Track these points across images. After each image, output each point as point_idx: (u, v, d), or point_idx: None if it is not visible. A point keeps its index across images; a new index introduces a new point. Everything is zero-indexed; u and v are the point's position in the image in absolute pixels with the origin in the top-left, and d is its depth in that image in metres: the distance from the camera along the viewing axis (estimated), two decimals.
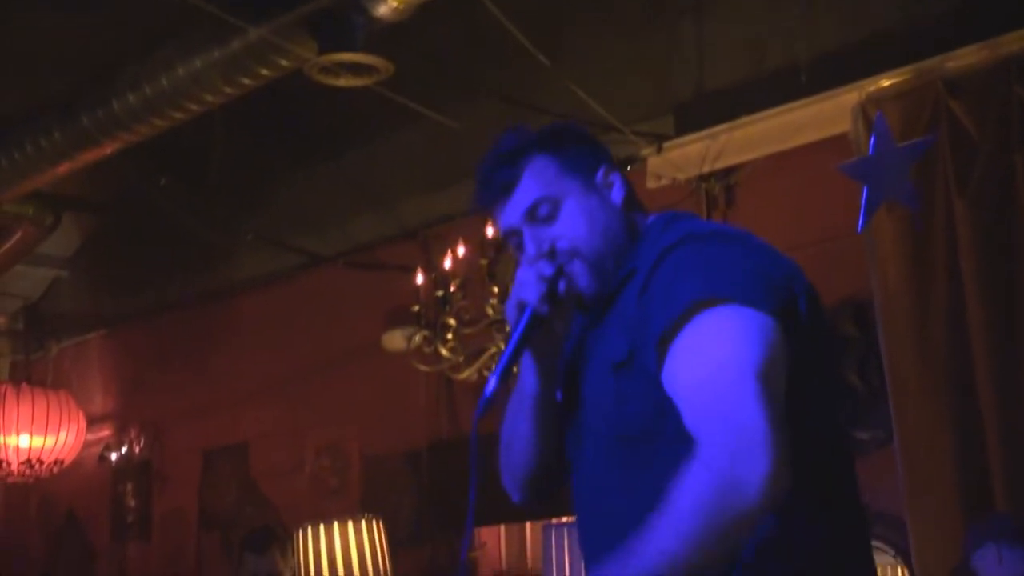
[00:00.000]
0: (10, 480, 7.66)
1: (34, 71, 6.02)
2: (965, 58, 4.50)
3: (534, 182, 2.14)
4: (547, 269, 2.08)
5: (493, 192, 2.17)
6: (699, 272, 1.95)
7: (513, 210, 2.15)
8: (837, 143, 4.74)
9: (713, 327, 1.88)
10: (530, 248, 2.13)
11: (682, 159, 5.35)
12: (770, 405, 1.78)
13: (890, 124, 4.31)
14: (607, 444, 2.06)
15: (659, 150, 5.42)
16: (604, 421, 2.05)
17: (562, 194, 2.13)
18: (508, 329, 2.16)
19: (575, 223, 2.12)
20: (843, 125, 4.70)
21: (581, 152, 2.18)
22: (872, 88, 4.65)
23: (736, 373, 1.82)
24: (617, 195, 2.17)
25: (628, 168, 5.63)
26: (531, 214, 2.13)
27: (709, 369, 1.84)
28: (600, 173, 2.17)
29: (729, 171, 5.37)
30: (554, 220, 2.13)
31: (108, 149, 5.66)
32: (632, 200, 2.19)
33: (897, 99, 4.55)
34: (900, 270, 4.51)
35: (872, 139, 4.18)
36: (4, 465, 7.43)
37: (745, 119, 5.16)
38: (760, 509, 1.74)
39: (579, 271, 2.10)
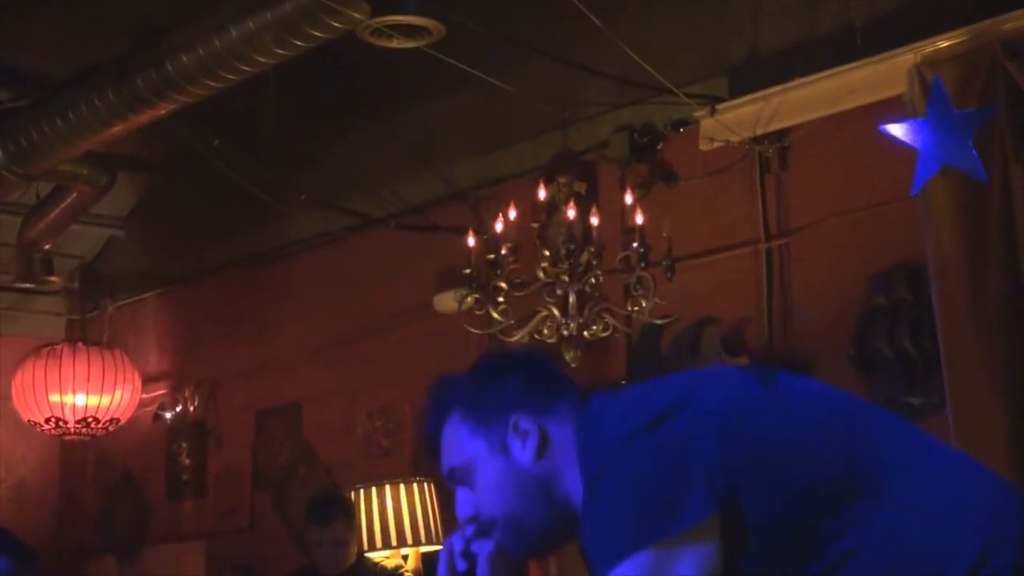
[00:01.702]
0: (67, 438, 7.76)
1: (87, 33, 6.07)
2: (1023, 19, 4.45)
3: (448, 447, 2.12)
4: (458, 544, 2.11)
5: (428, 451, 2.17)
6: (600, 526, 1.92)
7: (442, 471, 2.15)
8: (892, 105, 4.69)
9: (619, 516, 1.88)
10: (457, 511, 2.13)
11: (735, 121, 5.32)
12: None
13: (946, 86, 4.27)
14: None
15: (712, 112, 5.39)
16: None
17: (474, 459, 2.09)
18: None
19: (486, 491, 2.08)
20: (898, 87, 4.66)
21: (495, 402, 2.10)
22: (929, 50, 4.60)
23: None
24: (529, 448, 2.06)
25: (681, 131, 5.62)
26: (451, 479, 2.12)
27: None
28: (511, 425, 2.08)
29: (782, 133, 5.34)
30: (472, 484, 2.10)
31: (162, 110, 5.69)
32: (551, 441, 2.07)
33: (953, 61, 4.50)
34: (955, 234, 4.47)
35: (928, 102, 4.14)
36: (61, 423, 7.53)
37: (799, 81, 5.12)
38: None
39: (503, 538, 2.08)
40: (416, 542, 5.73)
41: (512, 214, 4.94)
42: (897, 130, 4.37)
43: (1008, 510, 1.95)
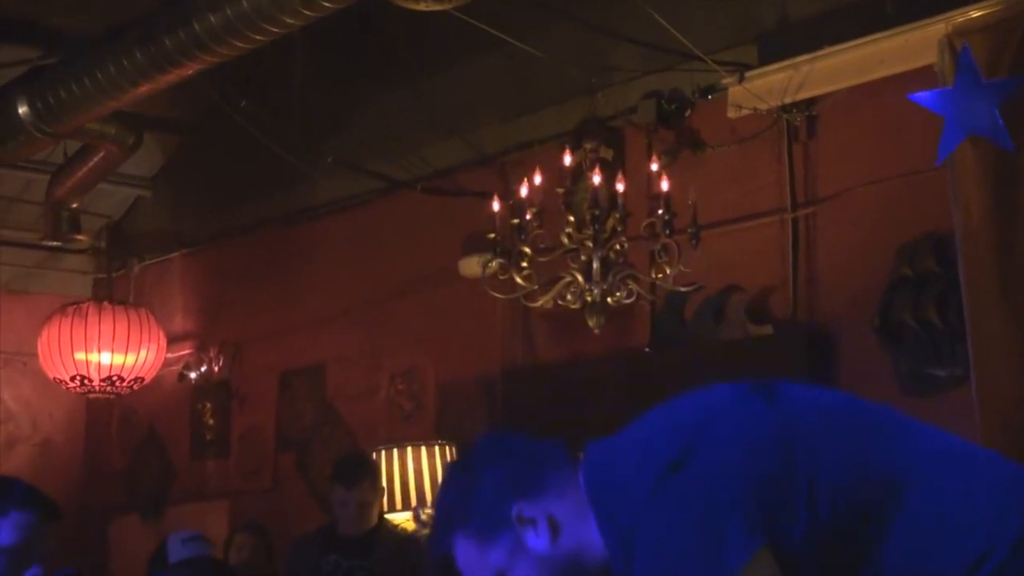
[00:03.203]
0: (92, 396, 7.80)
1: None
2: None
3: (472, 570, 2.08)
4: None
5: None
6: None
7: None
8: (922, 75, 4.66)
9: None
10: None
11: (764, 89, 5.29)
12: None
13: (976, 56, 4.24)
14: None
15: (741, 80, 5.36)
16: None
17: (500, 569, 2.05)
18: None
19: None
20: (928, 57, 4.62)
21: (487, 507, 2.06)
22: (960, 19, 4.55)
23: None
24: (543, 534, 2.04)
25: (709, 98, 5.60)
26: None
27: None
28: (515, 520, 2.05)
29: (811, 102, 5.31)
30: None
31: (189, 70, 5.69)
32: (559, 519, 2.04)
33: (984, 31, 4.45)
34: (983, 206, 4.44)
35: (956, 71, 4.11)
36: (86, 381, 7.57)
37: (829, 49, 5.09)
38: None
39: None
40: None
41: (538, 179, 4.93)
42: (926, 99, 4.33)
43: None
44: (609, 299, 4.92)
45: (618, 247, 4.91)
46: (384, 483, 5.66)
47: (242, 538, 6.57)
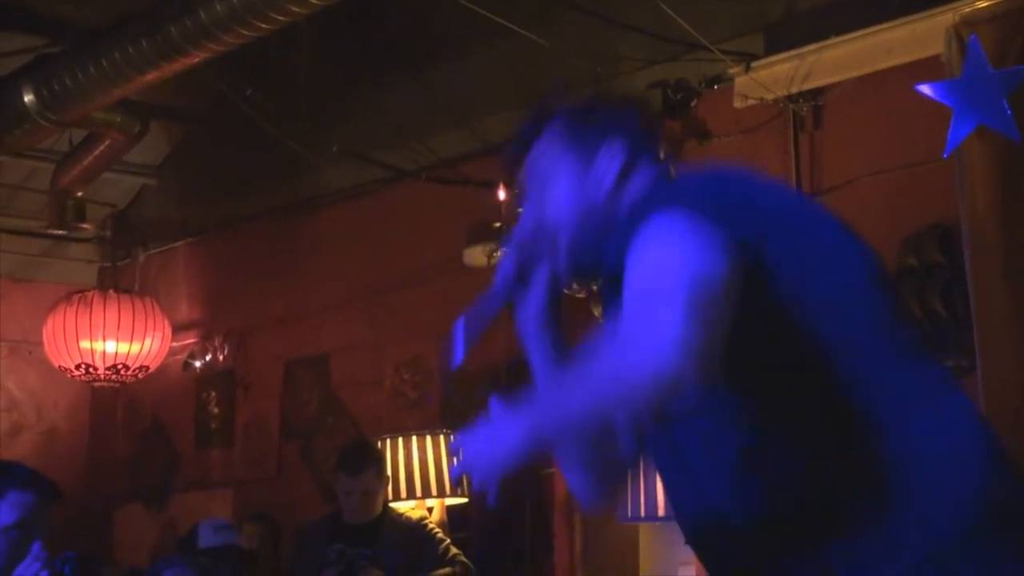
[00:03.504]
0: (96, 384, 7.81)
1: None
2: None
3: (537, 157, 2.17)
4: (514, 255, 2.19)
5: (513, 154, 2.21)
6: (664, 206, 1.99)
7: (520, 178, 2.21)
8: (929, 66, 4.65)
9: (659, 230, 1.93)
10: (521, 223, 2.20)
11: (770, 79, 5.28)
12: (697, 310, 1.81)
13: (984, 47, 4.23)
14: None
15: (747, 70, 5.35)
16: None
17: (555, 173, 2.16)
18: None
19: (557, 206, 2.15)
20: (935, 47, 4.61)
21: (605, 121, 2.17)
22: (967, 10, 4.55)
23: (670, 280, 1.85)
24: (613, 169, 2.15)
25: (715, 87, 5.59)
26: (524, 190, 2.19)
27: (647, 274, 1.90)
28: (607, 144, 2.16)
29: (817, 92, 5.30)
30: (545, 199, 2.16)
31: (195, 59, 5.69)
32: (630, 176, 2.17)
33: (992, 21, 4.45)
34: (989, 197, 4.43)
35: (964, 62, 4.10)
36: (91, 370, 7.57)
37: (835, 39, 5.08)
38: (650, 396, 1.82)
39: (557, 253, 2.17)
40: (441, 494, 5.76)
41: None
42: (932, 90, 4.32)
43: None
44: None
45: None
46: (389, 472, 5.67)
47: (250, 528, 6.60)
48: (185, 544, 5.15)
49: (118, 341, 7.57)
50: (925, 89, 4.41)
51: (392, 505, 5.61)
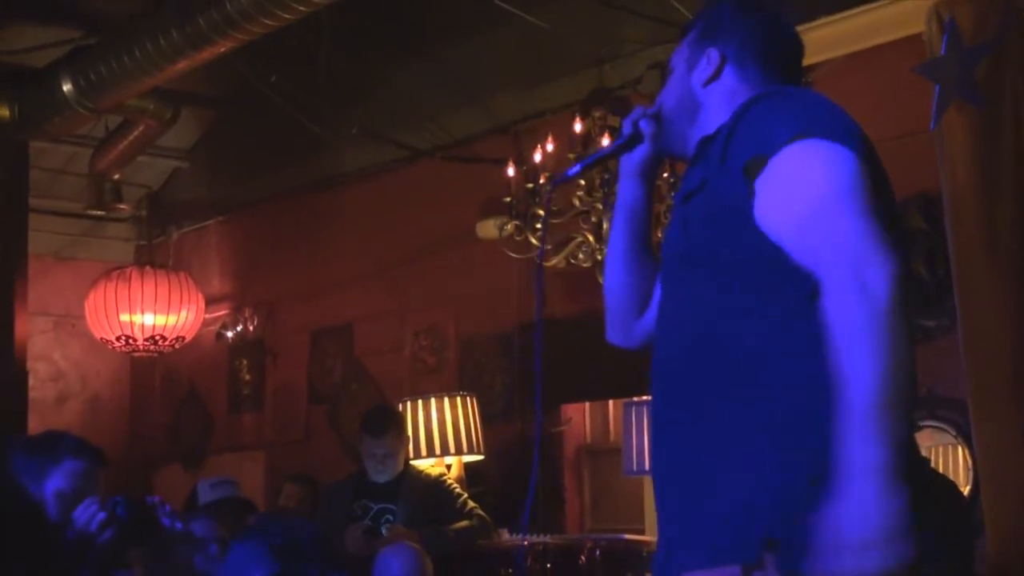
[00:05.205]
0: (136, 355, 7.89)
1: None
2: None
3: (684, 44, 2.33)
4: (644, 112, 2.32)
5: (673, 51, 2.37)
6: (781, 112, 2.03)
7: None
8: (912, 43, 4.67)
9: (801, 160, 1.95)
10: (660, 94, 2.36)
11: None
12: (869, 217, 1.88)
13: (962, 25, 4.24)
14: (671, 268, 2.17)
15: None
16: (669, 246, 2.18)
17: (679, 62, 2.31)
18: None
19: (667, 90, 2.33)
20: (918, 26, 4.63)
21: (720, 27, 2.28)
22: None
23: (833, 202, 1.90)
24: (701, 74, 2.26)
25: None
26: (668, 69, 2.36)
27: (806, 203, 1.92)
28: (710, 50, 2.26)
29: (808, 69, 5.29)
30: (671, 80, 2.34)
31: (222, 48, 5.72)
32: (721, 81, 2.25)
33: (969, 1, 4.46)
34: (968, 166, 4.45)
35: (943, 40, 4.12)
36: (131, 341, 7.64)
37: (823, 20, 5.08)
38: (897, 303, 1.82)
39: (660, 124, 2.31)
40: (459, 451, 5.82)
41: (550, 146, 4.96)
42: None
43: None
44: None
45: None
46: (409, 432, 5.72)
47: (291, 488, 6.63)
48: (187, 504, 5.19)
49: (155, 314, 7.63)
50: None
51: (413, 463, 5.66)
